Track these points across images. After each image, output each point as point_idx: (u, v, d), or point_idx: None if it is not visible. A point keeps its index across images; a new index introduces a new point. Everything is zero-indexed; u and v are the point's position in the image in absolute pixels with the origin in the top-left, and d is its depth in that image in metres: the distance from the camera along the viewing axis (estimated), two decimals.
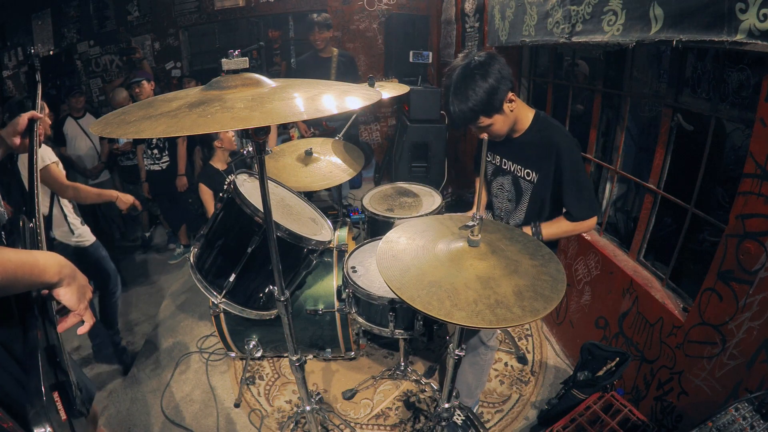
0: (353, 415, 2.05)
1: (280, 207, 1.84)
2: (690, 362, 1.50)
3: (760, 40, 1.08)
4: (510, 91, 1.37)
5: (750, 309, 1.25)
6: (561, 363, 2.32)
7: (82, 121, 3.50)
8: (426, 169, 3.86)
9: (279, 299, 1.29)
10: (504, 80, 1.34)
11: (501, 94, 1.34)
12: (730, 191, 1.69)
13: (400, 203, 2.40)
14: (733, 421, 1.11)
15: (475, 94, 1.32)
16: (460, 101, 1.35)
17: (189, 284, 3.21)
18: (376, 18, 4.90)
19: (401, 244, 1.06)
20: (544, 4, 2.15)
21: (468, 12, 3.53)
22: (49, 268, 0.79)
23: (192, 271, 1.73)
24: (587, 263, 2.15)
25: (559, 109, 2.52)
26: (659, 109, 1.80)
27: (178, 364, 2.43)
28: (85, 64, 5.21)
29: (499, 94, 1.34)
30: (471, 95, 1.32)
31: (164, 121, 0.77)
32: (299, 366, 1.45)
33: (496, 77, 1.32)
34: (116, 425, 2.06)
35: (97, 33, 5.08)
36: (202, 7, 4.88)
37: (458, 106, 1.36)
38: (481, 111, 1.36)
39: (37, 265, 0.76)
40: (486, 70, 1.32)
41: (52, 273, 0.79)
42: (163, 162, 3.31)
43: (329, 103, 0.89)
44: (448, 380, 1.32)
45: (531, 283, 0.91)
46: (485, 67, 1.32)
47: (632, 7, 1.53)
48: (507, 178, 1.58)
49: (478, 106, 1.34)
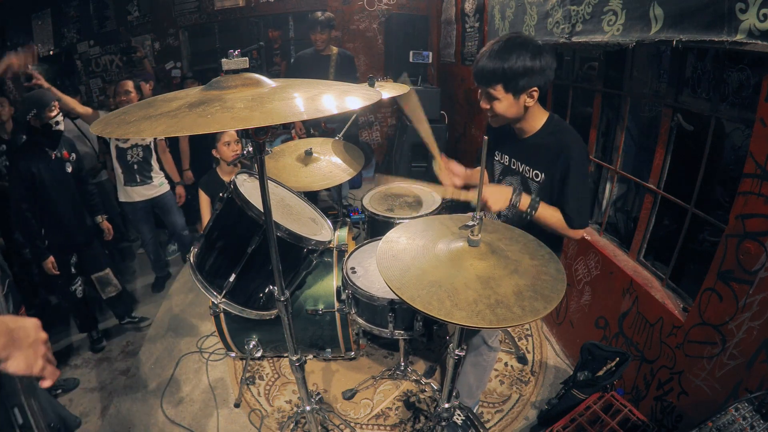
0: (353, 415, 2.05)
1: (280, 207, 1.84)
2: (690, 362, 1.50)
3: (760, 40, 1.08)
4: (538, 88, 1.35)
5: (750, 309, 1.25)
6: (561, 363, 2.32)
7: (79, 122, 3.50)
8: (426, 169, 3.86)
9: (279, 299, 1.29)
10: (543, 75, 1.32)
11: (531, 82, 1.32)
12: (730, 191, 1.69)
13: (400, 203, 2.40)
14: (733, 421, 1.11)
15: (515, 61, 1.29)
16: (497, 57, 1.31)
17: (189, 284, 3.21)
18: (376, 18, 4.90)
19: (401, 244, 1.06)
20: (544, 4, 2.15)
21: (468, 12, 3.53)
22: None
23: (192, 271, 1.72)
24: (587, 263, 2.15)
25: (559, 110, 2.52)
26: (659, 109, 1.80)
27: (178, 364, 2.43)
28: (85, 64, 5.21)
29: (531, 80, 1.31)
30: (511, 59, 1.29)
31: (164, 121, 0.77)
32: (299, 366, 1.45)
33: (541, 65, 1.30)
34: (116, 425, 2.06)
35: (97, 33, 5.08)
36: (202, 7, 4.88)
37: (492, 61, 1.32)
38: (506, 79, 1.32)
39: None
40: (540, 53, 1.30)
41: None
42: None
43: (329, 103, 0.89)
44: (448, 380, 1.32)
45: (531, 282, 0.91)
46: (541, 51, 1.31)
47: (632, 7, 1.53)
48: (516, 178, 1.57)
49: (508, 72, 1.31)
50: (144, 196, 2.93)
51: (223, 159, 2.41)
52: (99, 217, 2.57)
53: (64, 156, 2.28)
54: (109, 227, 2.62)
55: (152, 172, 2.94)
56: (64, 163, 2.29)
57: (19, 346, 0.69)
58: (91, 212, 2.54)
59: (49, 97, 2.18)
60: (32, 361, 0.70)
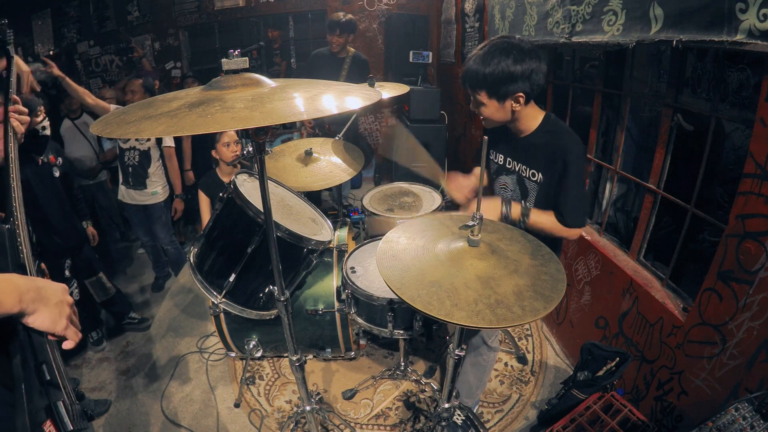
0: (353, 415, 2.05)
1: (280, 207, 1.84)
2: (690, 362, 1.50)
3: (760, 40, 1.08)
4: (525, 94, 1.33)
5: (750, 309, 1.25)
6: (561, 363, 2.32)
7: (78, 122, 3.50)
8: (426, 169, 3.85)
9: (279, 299, 1.29)
10: (528, 80, 1.30)
11: (513, 88, 1.31)
12: (730, 191, 1.69)
13: (400, 203, 2.40)
14: (733, 421, 1.11)
15: (495, 67, 1.29)
16: (481, 62, 1.31)
17: (189, 284, 3.21)
18: (376, 18, 4.90)
19: (401, 243, 1.05)
20: (544, 4, 2.15)
21: (468, 12, 3.53)
22: (5, 299, 0.67)
23: (192, 271, 1.72)
24: (587, 263, 2.15)
25: (559, 110, 2.52)
26: (659, 109, 1.80)
27: (178, 363, 2.43)
28: (85, 64, 5.22)
29: (513, 86, 1.30)
30: (492, 64, 1.29)
31: (164, 121, 0.77)
32: (299, 366, 1.45)
33: (523, 70, 1.28)
34: (116, 425, 2.06)
35: (97, 33, 5.09)
36: (202, 7, 4.88)
37: (476, 64, 1.32)
38: (487, 85, 1.32)
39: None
40: (523, 58, 1.28)
41: (10, 304, 0.67)
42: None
43: (329, 103, 0.89)
44: (448, 380, 1.31)
45: (531, 282, 0.91)
46: (525, 56, 1.29)
47: (632, 7, 1.53)
48: (511, 177, 1.57)
49: (489, 78, 1.30)
50: (135, 200, 2.92)
51: (222, 160, 2.41)
52: (84, 222, 2.54)
53: (51, 161, 2.25)
54: (95, 233, 2.60)
55: (147, 179, 2.89)
56: (52, 168, 2.26)
57: (46, 303, 0.73)
58: (78, 217, 2.52)
59: (35, 102, 2.15)
60: (57, 319, 0.74)
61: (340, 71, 3.40)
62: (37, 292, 0.72)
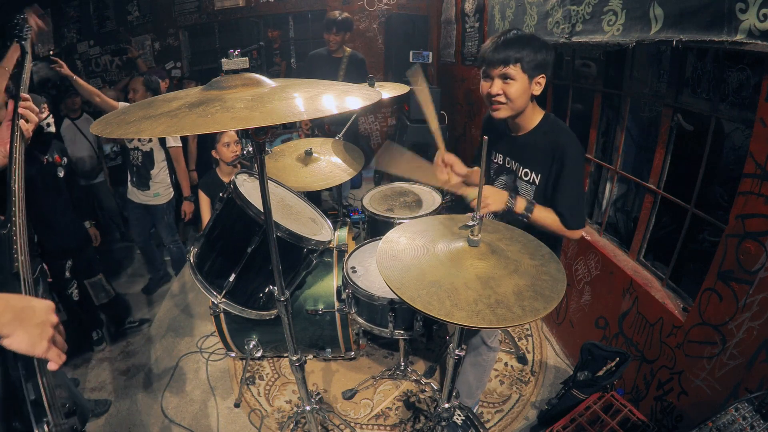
0: (353, 415, 2.05)
1: (280, 207, 1.84)
2: (690, 362, 1.50)
3: (760, 40, 1.08)
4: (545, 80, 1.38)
5: (750, 309, 1.25)
6: (561, 363, 2.32)
7: (79, 122, 3.50)
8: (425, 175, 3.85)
9: (279, 299, 1.29)
10: (549, 66, 1.37)
11: (543, 67, 1.35)
12: (730, 191, 1.69)
13: (400, 203, 2.40)
14: (733, 421, 1.11)
15: (533, 46, 1.33)
16: (516, 40, 1.34)
17: (189, 284, 3.21)
18: (376, 18, 4.90)
19: (401, 244, 1.06)
20: (544, 4, 2.15)
21: (468, 12, 3.53)
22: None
23: (192, 271, 1.72)
24: (587, 263, 2.15)
25: (558, 110, 2.52)
26: (659, 109, 1.80)
27: (178, 364, 2.43)
28: (85, 64, 5.21)
29: (543, 65, 1.35)
30: (531, 44, 1.33)
31: (164, 121, 0.77)
32: (299, 366, 1.45)
33: (547, 57, 1.35)
34: (116, 425, 2.06)
35: (97, 33, 5.08)
36: (202, 7, 4.88)
37: (511, 42, 1.34)
38: (525, 54, 1.34)
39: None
40: (546, 45, 1.35)
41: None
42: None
43: (329, 103, 0.89)
44: (448, 380, 1.31)
45: (531, 282, 0.91)
46: (546, 45, 1.36)
47: (632, 7, 1.53)
48: (510, 177, 1.57)
49: (529, 45, 1.33)
50: (138, 199, 2.93)
51: (222, 160, 2.42)
52: (87, 222, 2.54)
53: (56, 160, 2.24)
54: (97, 233, 2.60)
55: (150, 181, 2.89)
56: (56, 168, 2.25)
57: (25, 325, 0.69)
58: (80, 217, 2.52)
59: (38, 100, 2.15)
60: (36, 341, 0.70)
61: (338, 71, 3.40)
62: (15, 314, 0.69)
